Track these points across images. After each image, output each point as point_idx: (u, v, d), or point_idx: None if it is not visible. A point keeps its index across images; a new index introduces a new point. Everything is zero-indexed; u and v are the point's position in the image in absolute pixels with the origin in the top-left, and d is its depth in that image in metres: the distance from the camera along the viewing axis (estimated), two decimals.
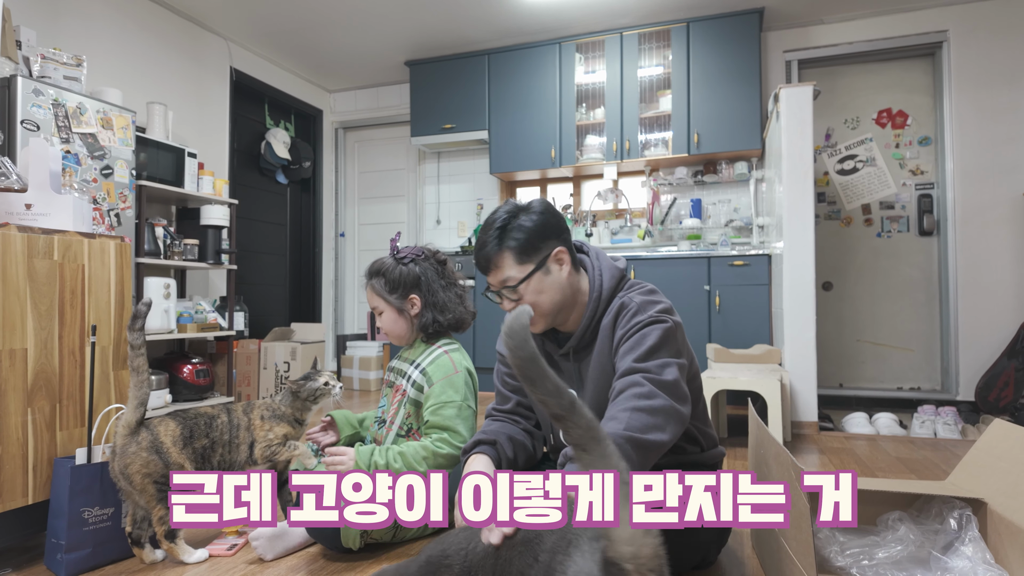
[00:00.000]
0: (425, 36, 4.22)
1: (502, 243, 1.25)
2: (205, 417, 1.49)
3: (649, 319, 1.19)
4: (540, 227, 1.25)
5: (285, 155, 4.63)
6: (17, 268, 1.41)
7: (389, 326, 1.61)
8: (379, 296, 1.60)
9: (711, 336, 3.58)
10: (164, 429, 1.42)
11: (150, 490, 1.37)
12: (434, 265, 1.64)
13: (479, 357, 4.10)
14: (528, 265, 1.25)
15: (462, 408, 1.53)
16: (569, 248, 1.30)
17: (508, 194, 4.81)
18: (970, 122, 3.71)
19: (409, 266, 1.59)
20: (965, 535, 1.23)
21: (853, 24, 3.92)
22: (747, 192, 4.10)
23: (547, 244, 1.26)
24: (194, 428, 1.45)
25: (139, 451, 1.37)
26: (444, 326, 1.61)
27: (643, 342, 1.16)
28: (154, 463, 1.38)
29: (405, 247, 1.64)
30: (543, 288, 1.26)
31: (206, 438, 1.46)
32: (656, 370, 1.13)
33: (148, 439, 1.38)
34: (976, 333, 3.67)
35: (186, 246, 3.31)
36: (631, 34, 4.03)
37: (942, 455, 2.52)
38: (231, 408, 1.54)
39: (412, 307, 1.60)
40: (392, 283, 1.58)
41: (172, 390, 3.23)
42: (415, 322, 1.61)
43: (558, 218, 1.30)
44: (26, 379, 1.42)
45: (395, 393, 1.62)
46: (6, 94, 2.46)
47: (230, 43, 4.20)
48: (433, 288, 1.60)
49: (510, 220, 1.26)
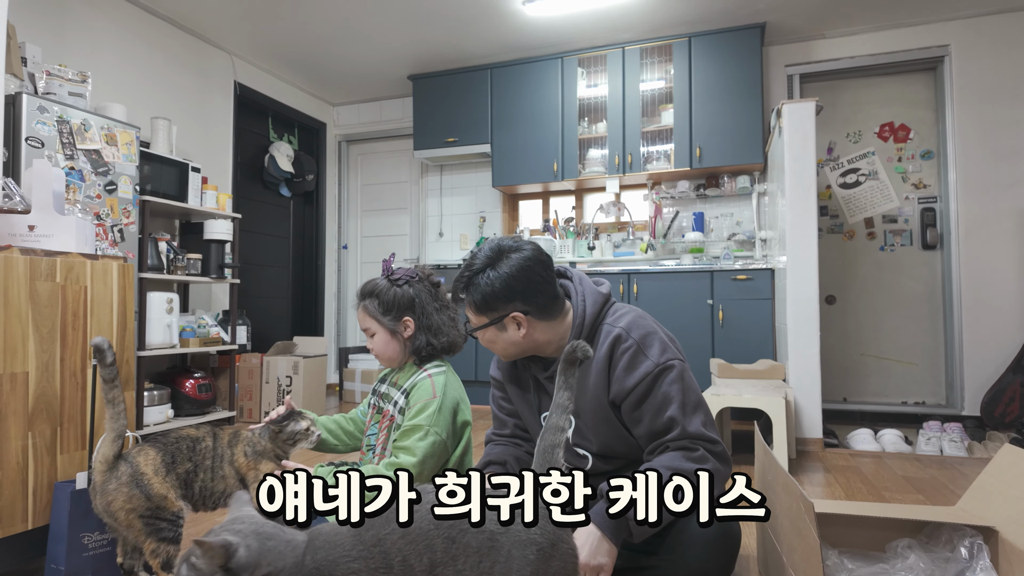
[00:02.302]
0: (428, 51, 4.24)
1: (466, 291, 1.28)
2: (188, 440, 1.41)
3: (659, 368, 1.20)
4: (502, 291, 1.24)
5: (288, 168, 4.64)
6: (19, 291, 1.41)
7: (381, 348, 1.58)
8: (372, 317, 1.57)
9: (714, 351, 3.56)
10: (144, 459, 1.33)
11: (137, 525, 1.31)
12: (428, 287, 1.60)
13: (481, 371, 4.09)
14: (483, 318, 1.28)
15: (427, 434, 1.44)
16: (538, 307, 1.26)
17: (511, 207, 4.82)
18: (972, 136, 3.71)
19: (403, 288, 1.57)
20: (976, 564, 1.21)
21: (855, 39, 3.94)
22: (749, 206, 4.10)
23: (505, 307, 1.25)
24: (176, 453, 1.37)
25: (120, 486, 1.30)
26: (437, 349, 1.58)
27: (668, 401, 1.19)
28: (137, 497, 1.30)
29: (399, 268, 1.62)
30: (495, 340, 1.30)
31: (189, 462, 1.38)
32: (703, 435, 1.19)
33: (128, 472, 1.31)
34: (981, 347, 3.65)
35: (189, 260, 3.31)
36: (633, 49, 4.05)
37: (949, 474, 2.50)
38: (218, 434, 1.46)
39: (405, 329, 1.56)
40: (386, 304, 1.55)
41: (174, 405, 3.22)
42: (408, 345, 1.57)
43: (531, 281, 1.25)
44: (27, 403, 1.41)
45: (383, 419, 1.59)
46: (11, 111, 2.47)
47: (234, 57, 4.22)
48: (427, 310, 1.57)
49: (480, 272, 1.26)
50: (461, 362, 4.13)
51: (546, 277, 1.27)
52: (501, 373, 1.45)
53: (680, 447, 1.18)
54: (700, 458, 1.16)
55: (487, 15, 3.73)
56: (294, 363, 3.64)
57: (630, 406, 1.23)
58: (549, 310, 1.28)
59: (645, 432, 1.22)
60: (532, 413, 1.38)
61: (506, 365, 1.42)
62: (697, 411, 1.21)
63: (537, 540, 0.90)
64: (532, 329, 1.27)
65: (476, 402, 4.16)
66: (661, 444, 1.20)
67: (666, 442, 1.19)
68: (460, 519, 0.90)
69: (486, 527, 0.90)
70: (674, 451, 1.18)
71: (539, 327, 1.27)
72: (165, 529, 1.31)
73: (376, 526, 0.92)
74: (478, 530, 0.89)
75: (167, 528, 1.31)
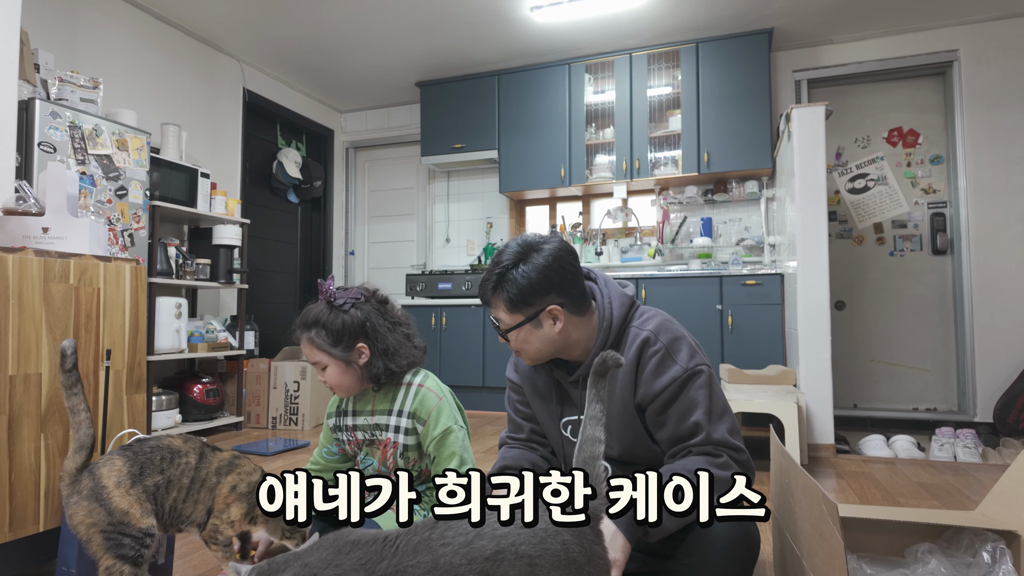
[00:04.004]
0: (436, 57, 4.26)
1: (497, 289, 1.23)
2: (165, 451, 1.29)
3: (687, 373, 1.20)
4: (538, 282, 1.20)
5: (296, 175, 4.66)
6: (33, 292, 1.41)
7: (336, 380, 1.44)
8: (321, 350, 1.43)
9: (724, 356, 3.54)
10: (108, 470, 1.23)
11: (96, 539, 1.20)
12: (376, 306, 1.48)
13: (488, 377, 4.08)
14: (518, 316, 1.23)
15: (459, 431, 1.48)
16: (572, 299, 1.24)
17: (518, 213, 4.82)
18: (982, 141, 3.69)
19: (351, 312, 1.43)
20: (999, 569, 1.19)
21: (863, 44, 3.93)
22: (758, 211, 4.09)
23: (542, 300, 1.21)
24: (146, 463, 1.26)
25: (80, 500, 1.21)
26: (396, 373, 1.48)
27: (694, 406, 1.19)
28: (96, 511, 1.20)
29: (339, 289, 1.48)
30: (529, 339, 1.24)
31: (160, 475, 1.26)
32: (728, 442, 1.18)
33: (89, 486, 1.22)
34: (992, 353, 3.61)
35: (198, 265, 3.32)
36: (640, 55, 4.05)
37: (964, 480, 2.47)
38: (206, 454, 1.33)
39: (360, 357, 1.44)
40: (335, 335, 1.42)
41: (182, 410, 3.22)
42: (364, 372, 1.46)
43: (565, 272, 1.22)
44: (40, 404, 1.41)
45: (383, 448, 1.51)
46: (24, 117, 2.49)
47: (243, 64, 4.25)
48: (380, 333, 1.45)
49: (512, 267, 1.22)
50: (469, 368, 4.12)
51: (577, 268, 1.25)
52: (520, 377, 1.41)
53: (704, 452, 1.16)
54: (724, 464, 1.14)
55: (495, 22, 3.75)
56: (302, 368, 3.64)
57: (656, 410, 1.21)
58: (581, 305, 1.25)
59: (669, 436, 1.21)
60: (552, 419, 1.35)
61: (526, 369, 1.38)
62: (723, 418, 1.20)
63: (576, 559, 0.86)
64: (567, 324, 1.23)
65: (485, 408, 4.14)
66: (684, 448, 1.19)
67: (689, 446, 1.18)
68: (493, 556, 0.85)
69: (524, 553, 0.85)
70: (697, 455, 1.17)
71: (573, 322, 1.24)
72: (127, 547, 1.20)
73: (398, 555, 0.85)
74: (516, 558, 0.84)
75: (129, 546, 1.20)
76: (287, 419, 3.63)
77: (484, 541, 0.85)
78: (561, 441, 1.35)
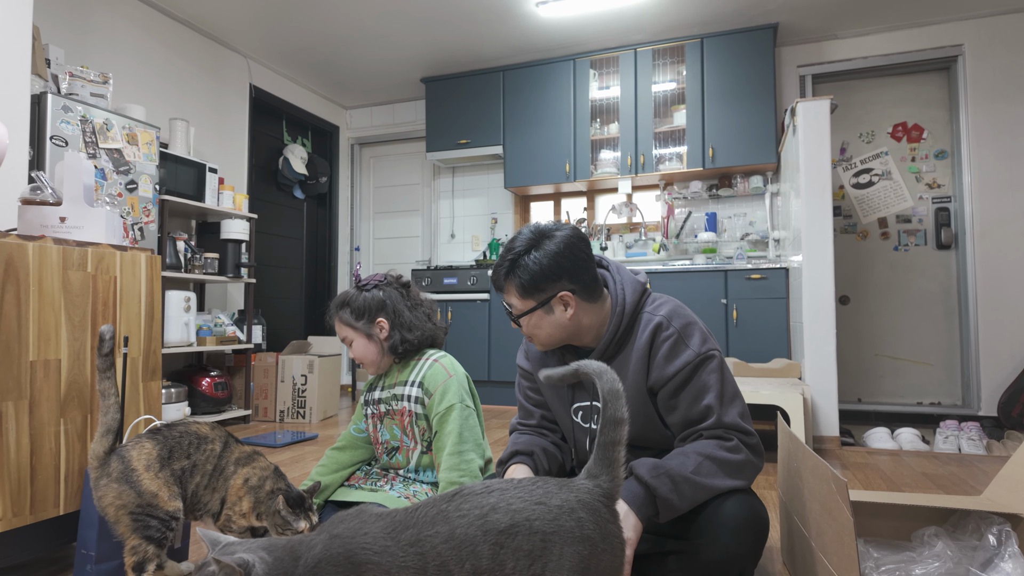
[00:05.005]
0: (441, 53, 4.28)
1: (510, 274, 1.26)
2: (193, 436, 1.34)
3: (700, 358, 1.22)
4: (550, 268, 1.22)
5: (302, 170, 4.68)
6: (52, 279, 1.44)
7: (361, 353, 1.63)
8: (347, 326, 1.62)
9: (729, 350, 3.56)
10: (137, 453, 1.27)
11: (125, 520, 1.24)
12: (397, 288, 1.66)
13: (494, 371, 4.10)
14: (530, 301, 1.25)
15: (462, 409, 1.55)
16: (584, 286, 1.25)
17: (523, 208, 4.84)
18: (987, 135, 3.70)
19: (372, 292, 1.63)
20: (1005, 551, 1.21)
21: (867, 39, 3.94)
22: (762, 206, 4.10)
23: (554, 286, 1.23)
24: (175, 447, 1.31)
25: (110, 483, 1.24)
26: (414, 344, 1.63)
27: (706, 390, 1.21)
28: (127, 493, 1.24)
29: (367, 276, 1.69)
30: (541, 325, 1.27)
31: (187, 459, 1.31)
32: (738, 426, 1.20)
33: (119, 468, 1.25)
34: (997, 347, 3.62)
35: (206, 260, 3.34)
36: (645, 50, 4.07)
37: (969, 471, 2.48)
38: (230, 444, 1.39)
39: (381, 331, 1.61)
40: (358, 310, 1.61)
41: (191, 403, 3.25)
42: (385, 345, 1.62)
43: (576, 258, 1.24)
44: (59, 390, 1.44)
45: (401, 417, 1.62)
46: (36, 111, 2.51)
47: (249, 61, 4.27)
48: (399, 309, 1.62)
49: (524, 253, 1.24)
50: (475, 362, 4.14)
51: (589, 254, 1.27)
52: (531, 363, 1.43)
53: (714, 436, 1.18)
54: (734, 448, 1.17)
55: (500, 17, 3.76)
56: (309, 362, 3.66)
57: (668, 393, 1.23)
58: (593, 291, 1.27)
59: (680, 420, 1.23)
60: (563, 405, 1.37)
61: (538, 355, 1.40)
62: (734, 402, 1.22)
63: (591, 536, 0.88)
64: (579, 310, 1.26)
65: (491, 402, 4.16)
66: (695, 432, 1.21)
67: (700, 430, 1.20)
68: (508, 529, 0.87)
69: (537, 528, 0.87)
70: (708, 439, 1.18)
71: (584, 308, 1.26)
72: (153, 528, 1.24)
73: (418, 525, 0.89)
74: (529, 533, 0.86)
75: (156, 527, 1.24)
76: (295, 412, 3.65)
77: (499, 515, 0.88)
78: (572, 427, 1.37)
